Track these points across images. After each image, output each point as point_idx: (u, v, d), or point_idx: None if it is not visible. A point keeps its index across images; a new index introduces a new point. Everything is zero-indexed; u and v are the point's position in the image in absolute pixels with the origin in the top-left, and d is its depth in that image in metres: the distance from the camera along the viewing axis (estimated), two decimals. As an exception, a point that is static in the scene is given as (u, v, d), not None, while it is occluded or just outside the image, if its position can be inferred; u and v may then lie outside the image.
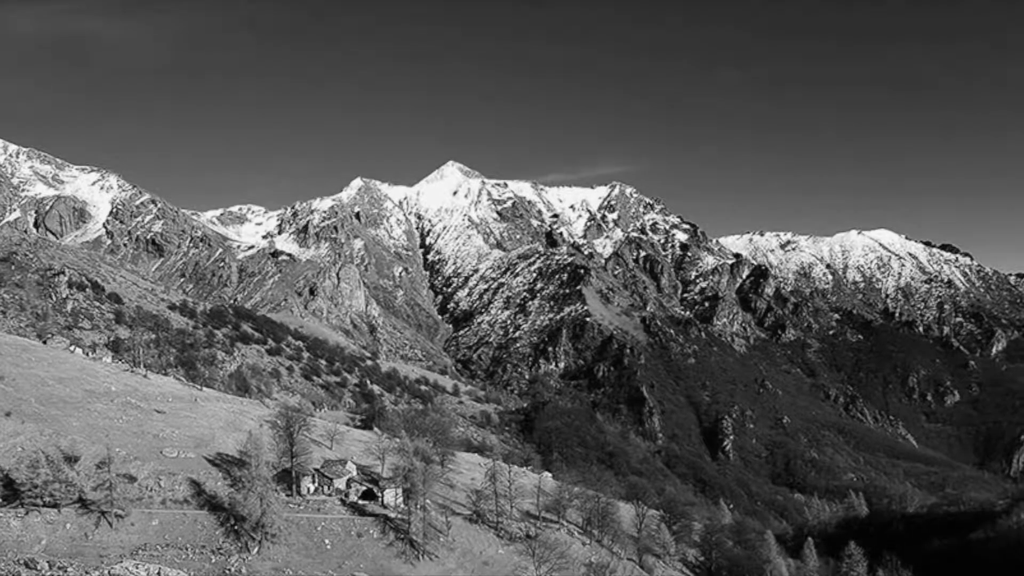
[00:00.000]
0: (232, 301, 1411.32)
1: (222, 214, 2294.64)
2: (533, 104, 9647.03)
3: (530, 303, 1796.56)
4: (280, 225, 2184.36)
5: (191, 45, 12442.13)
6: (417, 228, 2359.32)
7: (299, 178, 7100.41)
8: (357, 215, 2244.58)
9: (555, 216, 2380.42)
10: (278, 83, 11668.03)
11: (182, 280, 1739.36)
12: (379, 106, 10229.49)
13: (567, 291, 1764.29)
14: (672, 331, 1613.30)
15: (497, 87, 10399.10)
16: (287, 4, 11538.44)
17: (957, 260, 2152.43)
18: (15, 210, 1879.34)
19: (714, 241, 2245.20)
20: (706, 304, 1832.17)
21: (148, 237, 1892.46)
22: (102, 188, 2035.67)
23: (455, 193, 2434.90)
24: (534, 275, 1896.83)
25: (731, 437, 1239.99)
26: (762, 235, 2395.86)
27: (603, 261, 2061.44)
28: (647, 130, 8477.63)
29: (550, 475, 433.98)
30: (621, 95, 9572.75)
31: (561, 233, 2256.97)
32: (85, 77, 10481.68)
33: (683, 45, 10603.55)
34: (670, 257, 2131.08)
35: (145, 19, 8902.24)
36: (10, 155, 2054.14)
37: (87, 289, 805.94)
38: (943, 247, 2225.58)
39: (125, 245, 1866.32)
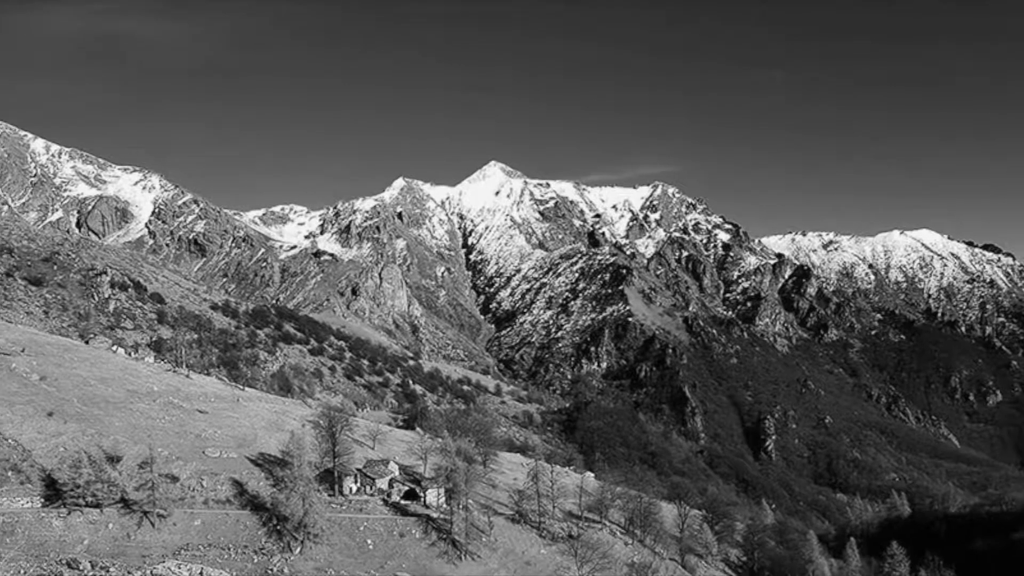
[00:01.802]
0: (274, 301, 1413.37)
1: (264, 214, 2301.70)
2: (576, 104, 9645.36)
3: (572, 303, 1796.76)
4: (322, 225, 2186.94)
5: (233, 45, 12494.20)
6: (459, 228, 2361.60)
7: (342, 178, 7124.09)
8: (399, 215, 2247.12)
9: (597, 216, 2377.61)
10: (320, 83, 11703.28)
11: (224, 280, 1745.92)
12: (421, 106, 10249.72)
13: (609, 291, 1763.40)
14: (714, 331, 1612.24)
15: (540, 87, 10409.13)
16: (329, 4, 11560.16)
17: (999, 260, 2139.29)
18: (57, 210, 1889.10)
19: (756, 241, 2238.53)
20: (748, 304, 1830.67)
21: (190, 237, 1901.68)
22: (144, 188, 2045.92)
23: (497, 193, 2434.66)
24: (576, 275, 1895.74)
25: (773, 437, 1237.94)
26: (804, 235, 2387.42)
27: (645, 261, 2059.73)
28: (690, 130, 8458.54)
29: (592, 475, 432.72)
30: (663, 95, 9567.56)
31: (603, 233, 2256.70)
32: (127, 77, 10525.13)
33: (725, 45, 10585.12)
34: (712, 257, 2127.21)
35: (187, 19, 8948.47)
36: (52, 155, 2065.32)
37: (129, 289, 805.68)
38: (985, 247, 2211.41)
39: (167, 245, 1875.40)
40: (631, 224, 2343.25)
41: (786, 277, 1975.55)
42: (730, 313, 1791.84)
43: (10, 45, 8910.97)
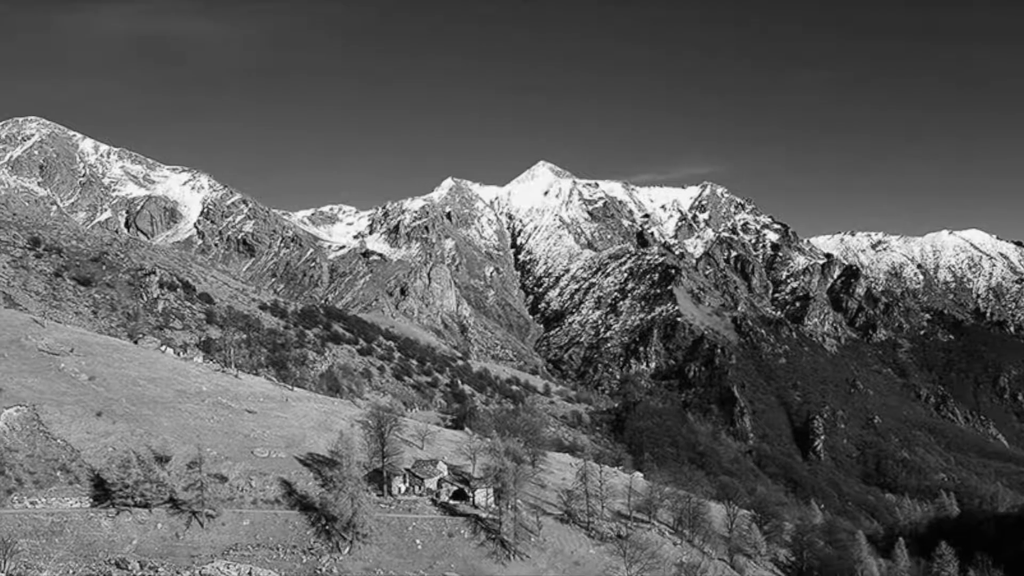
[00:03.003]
0: (323, 301, 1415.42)
1: (313, 214, 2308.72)
2: (624, 104, 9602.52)
3: (621, 303, 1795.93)
4: (371, 225, 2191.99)
5: (282, 45, 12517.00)
6: (508, 228, 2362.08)
7: (390, 178, 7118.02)
8: (448, 215, 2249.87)
9: (646, 216, 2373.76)
10: (368, 83, 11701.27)
11: (273, 280, 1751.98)
12: (470, 106, 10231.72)
13: (658, 291, 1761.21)
14: (763, 331, 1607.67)
15: (589, 88, 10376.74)
16: (377, 4, 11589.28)
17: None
18: (106, 210, 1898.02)
19: (805, 241, 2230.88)
20: (797, 304, 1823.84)
21: (239, 237, 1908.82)
22: (193, 188, 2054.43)
23: (546, 193, 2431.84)
24: (625, 275, 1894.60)
25: (822, 437, 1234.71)
26: (853, 235, 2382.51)
27: (694, 261, 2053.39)
28: (738, 130, 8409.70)
29: (641, 475, 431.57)
30: (712, 95, 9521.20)
31: (652, 233, 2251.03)
32: (176, 77, 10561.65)
33: (772, 45, 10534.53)
34: (761, 257, 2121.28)
35: (236, 19, 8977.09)
36: (101, 155, 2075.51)
37: (178, 289, 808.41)
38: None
39: (216, 245, 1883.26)
40: (680, 224, 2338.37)
41: (835, 277, 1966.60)
42: (779, 313, 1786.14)
43: (59, 46, 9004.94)
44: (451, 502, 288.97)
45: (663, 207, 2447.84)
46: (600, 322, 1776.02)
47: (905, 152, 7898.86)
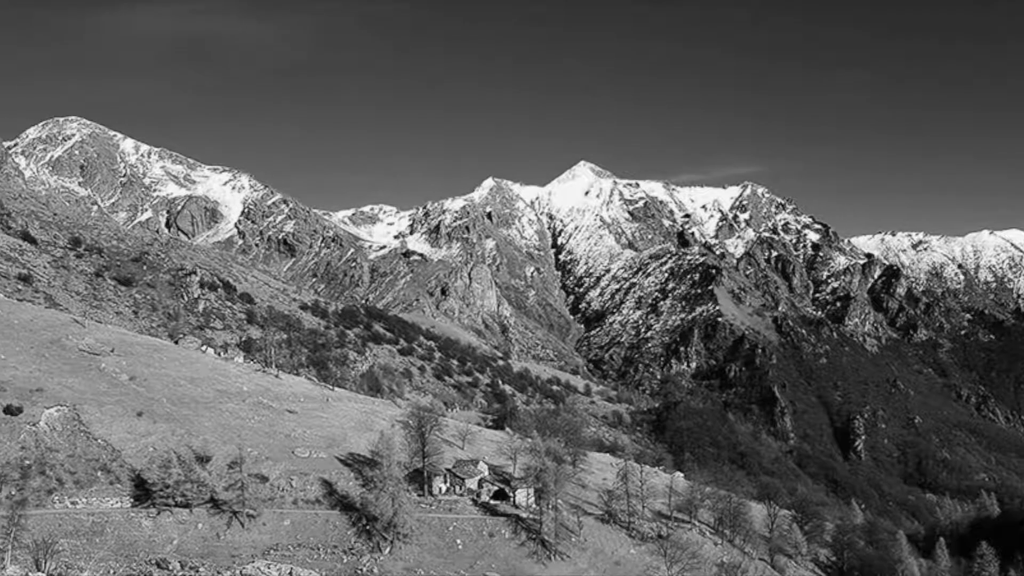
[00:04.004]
0: (364, 301, 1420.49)
1: (354, 214, 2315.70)
2: (665, 104, 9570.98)
3: (662, 303, 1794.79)
4: (412, 225, 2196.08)
5: (320, 45, 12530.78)
6: (549, 228, 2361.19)
7: (431, 178, 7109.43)
8: (489, 215, 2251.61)
9: (687, 216, 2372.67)
10: (408, 83, 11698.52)
11: (314, 280, 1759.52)
12: (511, 106, 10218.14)
13: (699, 291, 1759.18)
14: (804, 331, 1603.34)
15: (629, 88, 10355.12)
16: (415, 4, 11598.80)
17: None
18: (147, 210, 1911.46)
19: (846, 241, 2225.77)
20: (838, 304, 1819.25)
21: (280, 237, 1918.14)
22: (234, 188, 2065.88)
23: (587, 193, 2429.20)
24: (666, 275, 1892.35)
25: (863, 437, 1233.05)
26: (894, 235, 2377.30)
27: (735, 261, 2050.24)
28: (778, 130, 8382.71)
29: (682, 475, 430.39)
30: (752, 95, 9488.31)
31: (693, 233, 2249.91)
32: (215, 77, 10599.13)
33: (811, 45, 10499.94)
34: (802, 257, 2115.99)
35: (274, 19, 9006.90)
36: (142, 155, 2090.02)
37: (219, 289, 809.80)
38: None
39: (257, 245, 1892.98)
40: (720, 224, 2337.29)
41: (875, 277, 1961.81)
42: (819, 313, 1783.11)
43: (100, 46, 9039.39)
44: (492, 502, 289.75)
45: (704, 207, 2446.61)
46: (641, 322, 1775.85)
47: (946, 152, 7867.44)
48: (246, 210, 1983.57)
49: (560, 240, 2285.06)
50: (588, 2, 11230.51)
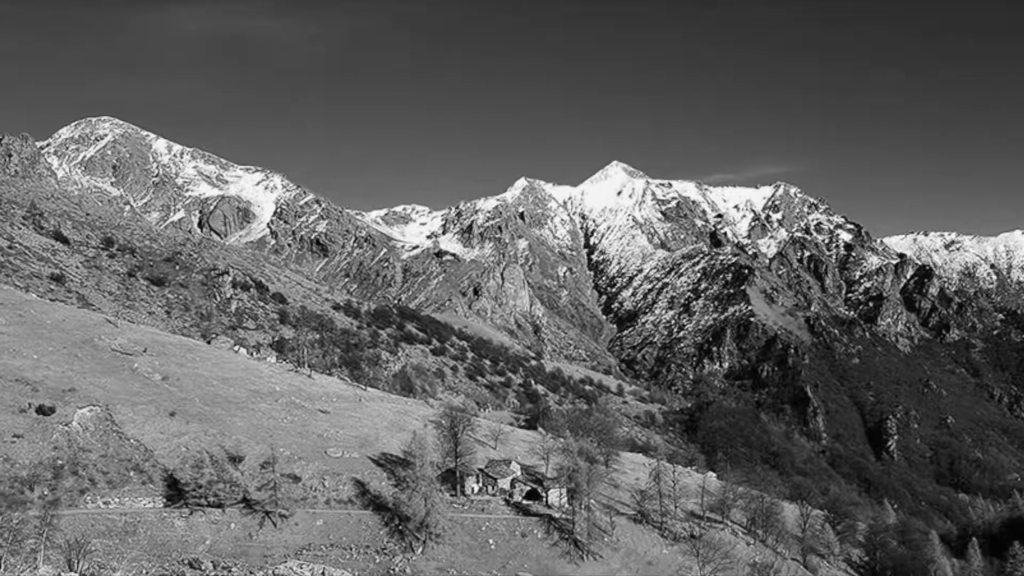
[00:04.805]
0: (396, 301, 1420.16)
1: (386, 214, 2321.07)
2: (697, 104, 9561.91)
3: (694, 303, 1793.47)
4: (444, 225, 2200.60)
5: (353, 45, 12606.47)
6: (581, 228, 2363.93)
7: (463, 178, 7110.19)
8: (521, 215, 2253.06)
9: (719, 216, 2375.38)
10: (440, 83, 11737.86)
11: (346, 280, 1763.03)
12: (543, 106, 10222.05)
13: (731, 291, 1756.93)
14: (836, 331, 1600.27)
15: (661, 87, 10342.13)
16: (449, 4, 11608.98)
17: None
18: (179, 210, 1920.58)
19: (878, 241, 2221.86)
20: (870, 304, 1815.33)
21: (312, 237, 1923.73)
22: (266, 188, 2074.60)
23: (619, 193, 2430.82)
24: (698, 275, 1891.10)
25: (895, 437, 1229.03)
26: (926, 235, 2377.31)
27: (767, 261, 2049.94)
28: (811, 130, 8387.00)
29: (714, 475, 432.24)
30: (784, 95, 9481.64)
31: (725, 233, 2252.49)
32: (248, 77, 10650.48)
33: (844, 44, 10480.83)
34: (834, 257, 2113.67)
35: (308, 19, 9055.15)
36: (174, 155, 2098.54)
37: (251, 289, 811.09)
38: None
39: (289, 245, 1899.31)
40: (753, 224, 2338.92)
41: (908, 277, 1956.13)
42: (852, 313, 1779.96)
43: (132, 45, 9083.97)
44: (524, 502, 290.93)
45: (736, 207, 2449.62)
46: (673, 322, 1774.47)
47: (978, 152, 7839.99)
48: (279, 210, 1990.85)
49: (592, 240, 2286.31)
50: (621, 2, 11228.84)
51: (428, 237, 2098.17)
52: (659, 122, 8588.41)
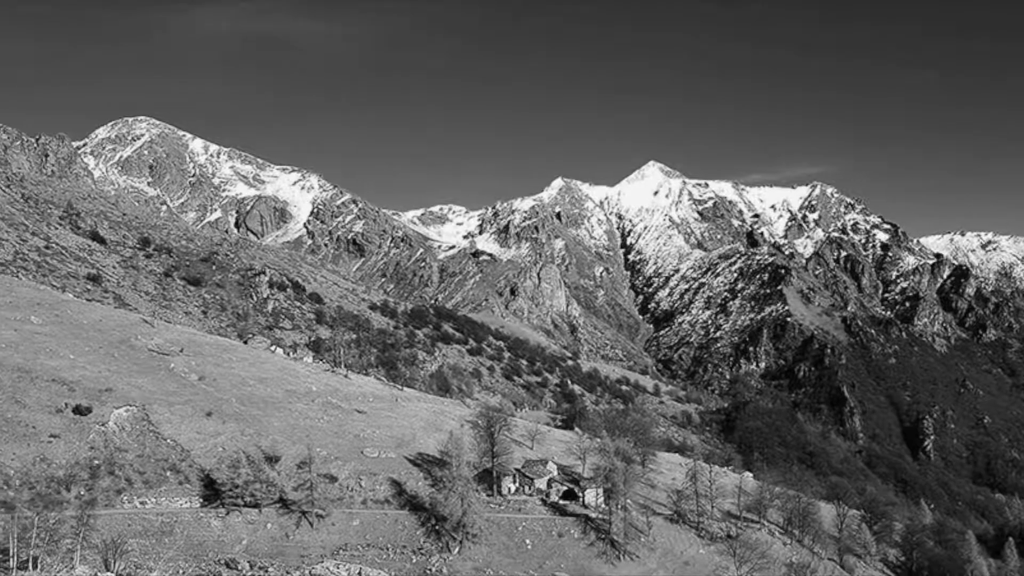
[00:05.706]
0: (433, 301, 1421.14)
1: (423, 214, 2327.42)
2: (734, 104, 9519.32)
3: (731, 303, 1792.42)
4: (481, 225, 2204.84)
5: (390, 45, 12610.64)
6: (618, 228, 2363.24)
7: (500, 178, 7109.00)
8: (558, 215, 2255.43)
9: (756, 216, 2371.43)
10: (477, 83, 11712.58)
11: (383, 280, 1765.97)
12: (580, 106, 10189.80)
13: (768, 291, 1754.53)
14: (873, 331, 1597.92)
15: (698, 88, 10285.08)
16: (484, 5, 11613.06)
17: None
18: (216, 210, 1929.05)
19: (915, 241, 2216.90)
20: (907, 304, 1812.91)
21: (349, 237, 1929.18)
22: (303, 188, 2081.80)
23: (656, 193, 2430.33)
24: (735, 275, 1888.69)
25: (932, 437, 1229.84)
26: (963, 235, 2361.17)
27: (804, 261, 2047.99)
28: (847, 130, 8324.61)
29: (751, 475, 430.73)
30: (821, 95, 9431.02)
31: (762, 233, 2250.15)
32: (284, 77, 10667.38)
33: (879, 45, 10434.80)
34: (871, 257, 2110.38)
35: (343, 19, 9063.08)
36: (211, 155, 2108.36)
37: (288, 289, 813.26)
38: None
39: (326, 245, 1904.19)
40: (789, 224, 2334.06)
41: (944, 277, 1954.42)
42: (888, 313, 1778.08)
43: (168, 46, 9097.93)
44: (561, 502, 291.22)
45: (773, 207, 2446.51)
46: (710, 322, 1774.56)
47: (1015, 151, 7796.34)
48: (315, 210, 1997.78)
49: (629, 240, 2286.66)
50: (657, 2, 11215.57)
51: (464, 237, 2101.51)
52: (696, 123, 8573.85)
